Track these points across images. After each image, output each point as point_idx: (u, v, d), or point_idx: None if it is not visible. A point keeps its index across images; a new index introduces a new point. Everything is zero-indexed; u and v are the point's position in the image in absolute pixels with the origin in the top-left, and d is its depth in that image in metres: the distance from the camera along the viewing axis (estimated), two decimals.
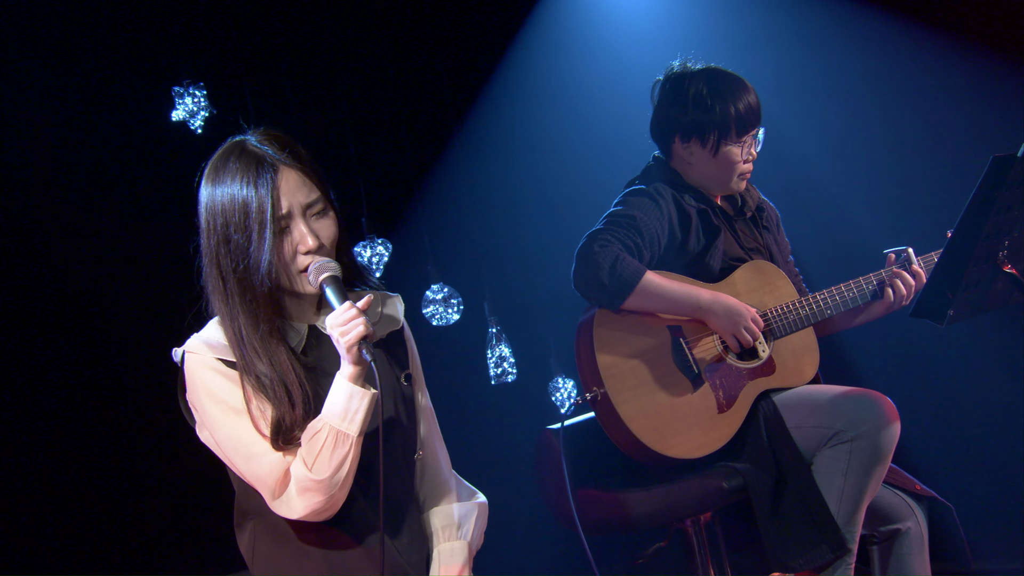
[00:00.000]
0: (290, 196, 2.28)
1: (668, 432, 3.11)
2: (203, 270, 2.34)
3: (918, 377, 5.94)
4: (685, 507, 3.14)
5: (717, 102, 3.28)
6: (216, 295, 2.32)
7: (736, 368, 3.20)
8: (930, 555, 3.22)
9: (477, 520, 2.52)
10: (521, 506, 5.03)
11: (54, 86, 5.04)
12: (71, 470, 4.97)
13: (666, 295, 3.14)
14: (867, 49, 5.66)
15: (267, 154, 2.30)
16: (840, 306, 3.26)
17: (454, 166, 6.25)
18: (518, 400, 5.95)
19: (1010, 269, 2.79)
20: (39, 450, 4.93)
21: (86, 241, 5.09)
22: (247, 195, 2.26)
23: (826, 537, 3.04)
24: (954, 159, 5.30)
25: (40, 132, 5.01)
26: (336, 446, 2.23)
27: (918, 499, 3.24)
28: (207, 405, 2.31)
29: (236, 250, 2.27)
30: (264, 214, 2.25)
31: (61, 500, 4.94)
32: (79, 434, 5.00)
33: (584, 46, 6.20)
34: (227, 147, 2.35)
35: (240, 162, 2.29)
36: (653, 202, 3.24)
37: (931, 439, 5.75)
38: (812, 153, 5.80)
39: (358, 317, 2.23)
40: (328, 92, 5.67)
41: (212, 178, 2.32)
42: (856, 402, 3.10)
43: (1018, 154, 2.65)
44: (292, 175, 2.30)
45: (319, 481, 2.24)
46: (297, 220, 2.29)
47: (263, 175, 2.27)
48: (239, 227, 2.26)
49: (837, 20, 5.71)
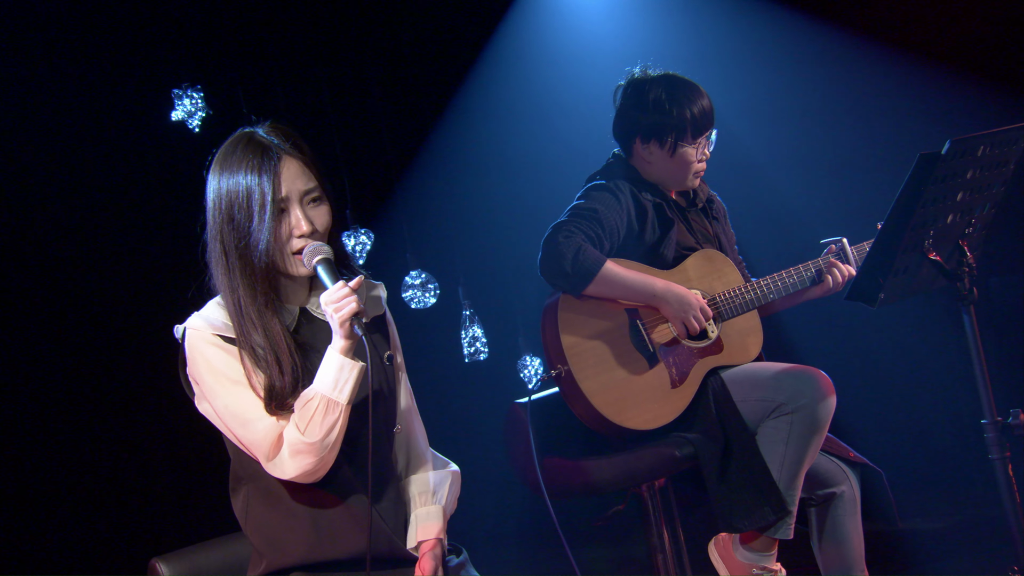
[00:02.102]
0: (290, 183, 2.30)
1: (626, 406, 3.12)
2: (207, 246, 2.35)
3: (852, 354, 5.98)
4: (641, 473, 3.15)
5: (674, 106, 3.27)
6: (219, 269, 2.32)
7: (687, 348, 3.21)
8: (862, 516, 3.24)
9: (451, 487, 2.53)
10: (492, 473, 5.04)
11: (64, 87, 5.01)
12: (80, 440, 4.94)
13: (624, 283, 3.14)
14: (807, 58, 5.68)
15: (272, 143, 2.32)
16: (781, 291, 3.28)
17: (431, 163, 6.24)
18: (489, 376, 5.96)
19: (934, 257, 2.81)
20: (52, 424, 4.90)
21: (92, 230, 5.06)
22: (252, 178, 2.28)
23: (769, 500, 3.05)
24: (885, 157, 5.33)
25: (50, 130, 4.98)
26: (327, 412, 2.24)
27: (852, 465, 3.25)
28: (206, 377, 2.31)
29: (239, 228, 2.28)
30: (265, 196, 2.27)
31: (71, 469, 4.92)
32: (88, 409, 4.97)
33: (550, 52, 6.19)
34: (236, 136, 2.37)
35: (248, 149, 2.31)
36: (613, 196, 3.24)
37: (864, 411, 5.79)
38: (757, 152, 5.82)
39: (351, 295, 2.24)
40: (315, 95, 5.65)
41: (221, 163, 2.34)
42: (796, 377, 3.12)
43: (942, 152, 2.67)
44: (293, 164, 2.32)
45: (311, 444, 2.24)
46: (294, 205, 2.31)
47: (267, 161, 2.29)
48: (242, 207, 2.28)
49: (781, 31, 5.73)
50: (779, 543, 3.15)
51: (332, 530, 2.34)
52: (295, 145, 2.34)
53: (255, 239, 2.27)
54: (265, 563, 2.36)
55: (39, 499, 4.84)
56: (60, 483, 4.88)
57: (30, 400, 4.85)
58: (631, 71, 3.40)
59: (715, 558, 3.21)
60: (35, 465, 4.84)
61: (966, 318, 2.84)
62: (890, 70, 5.43)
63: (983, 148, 2.76)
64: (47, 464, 4.86)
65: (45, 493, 4.84)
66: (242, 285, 2.30)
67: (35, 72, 4.90)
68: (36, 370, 4.88)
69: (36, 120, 4.92)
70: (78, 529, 4.87)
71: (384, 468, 2.44)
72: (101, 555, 4.85)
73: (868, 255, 2.86)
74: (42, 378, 4.89)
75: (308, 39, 5.72)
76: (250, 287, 2.30)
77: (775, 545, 3.15)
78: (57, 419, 4.91)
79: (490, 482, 5.41)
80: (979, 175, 2.79)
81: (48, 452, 4.87)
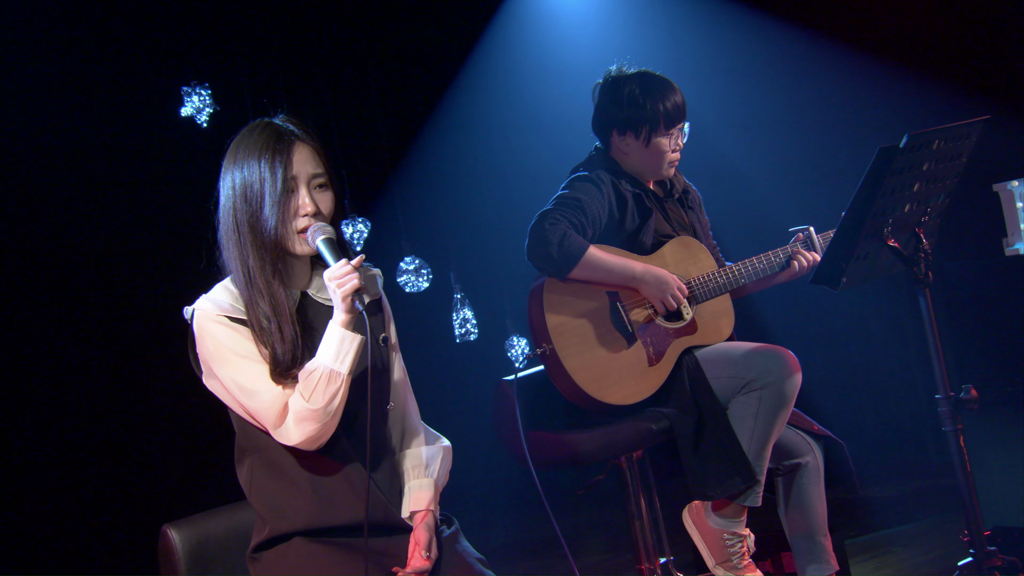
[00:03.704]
0: (300, 165, 2.33)
1: (606, 383, 3.12)
2: (220, 222, 2.35)
3: (818, 335, 6.01)
4: (620, 446, 3.15)
5: (648, 101, 3.27)
6: (231, 242, 2.33)
7: (664, 328, 3.22)
8: (825, 484, 3.25)
9: (443, 461, 2.53)
10: (481, 447, 5.05)
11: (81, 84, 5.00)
12: (99, 416, 4.95)
13: (605, 267, 3.14)
14: (776, 59, 5.68)
15: (287, 129, 2.35)
16: (752, 276, 3.28)
17: (424, 156, 6.24)
18: (479, 355, 5.97)
19: (893, 243, 2.81)
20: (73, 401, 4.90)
21: (111, 218, 5.06)
22: (266, 157, 2.30)
23: (739, 470, 3.06)
24: (848, 150, 5.34)
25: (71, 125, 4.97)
26: (329, 382, 2.25)
27: (816, 438, 3.26)
28: (213, 353, 2.31)
29: (251, 203, 2.30)
30: (276, 173, 2.29)
31: (91, 442, 4.93)
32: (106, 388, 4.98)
33: (536, 54, 6.19)
34: (255, 123, 2.39)
35: (265, 133, 2.34)
36: (595, 186, 3.23)
37: (828, 387, 5.81)
38: (731, 146, 5.82)
39: (353, 272, 2.25)
40: (315, 92, 5.64)
41: (239, 145, 2.35)
42: (765, 356, 3.12)
43: (900, 145, 2.67)
44: (305, 149, 2.34)
45: (315, 411, 2.25)
46: (302, 186, 2.33)
47: (281, 143, 2.31)
48: (255, 184, 2.29)
49: (753, 34, 5.73)
50: (748, 510, 3.17)
51: (331, 498, 2.34)
52: (308, 134, 2.37)
53: (266, 214, 2.29)
54: (269, 529, 2.36)
55: (62, 469, 4.85)
56: (81, 456, 4.89)
57: (55, 379, 4.87)
58: (609, 70, 3.39)
59: (689, 524, 3.22)
60: (58, 438, 4.85)
61: (922, 301, 2.84)
62: (853, 70, 5.44)
63: (938, 142, 2.76)
64: (69, 438, 4.88)
65: (67, 464, 4.86)
66: (252, 255, 2.30)
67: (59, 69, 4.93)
68: (63, 351, 4.89)
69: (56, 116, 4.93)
70: (96, 497, 4.89)
71: (379, 442, 2.44)
72: (117, 521, 4.87)
73: (832, 242, 2.86)
74: (69, 359, 4.90)
75: (309, 40, 5.71)
76: (259, 258, 2.30)
77: (744, 512, 3.17)
78: (78, 397, 4.92)
79: (479, 455, 5.42)
80: (934, 167, 2.80)
81: (69, 427, 4.88)
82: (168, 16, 5.14)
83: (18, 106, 4.85)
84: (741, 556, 3.17)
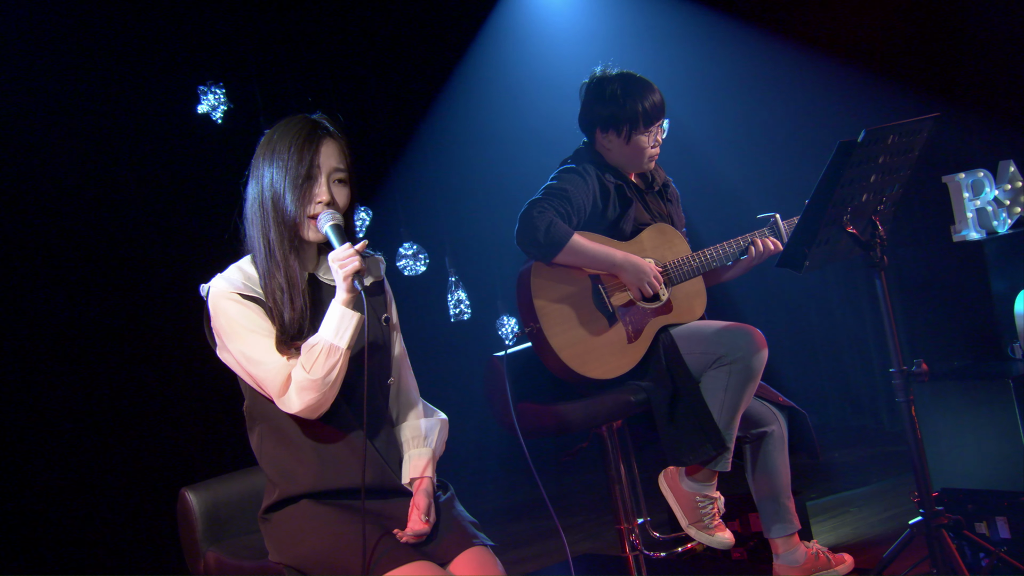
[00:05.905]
0: (326, 158, 2.34)
1: (589, 359, 3.12)
2: (248, 196, 2.37)
3: (783, 313, 6.02)
4: (602, 416, 3.15)
5: (628, 100, 3.25)
6: (256, 215, 2.34)
7: (642, 308, 3.21)
8: (789, 451, 3.26)
9: (440, 432, 2.53)
10: (474, 418, 5.06)
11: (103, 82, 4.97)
12: (122, 387, 4.94)
13: (588, 253, 3.13)
14: (746, 60, 5.68)
15: (321, 124, 2.37)
16: (722, 259, 3.28)
17: (422, 149, 6.22)
18: (472, 334, 5.97)
19: (851, 230, 2.81)
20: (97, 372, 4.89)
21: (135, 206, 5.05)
22: (296, 146, 2.32)
23: (710, 438, 3.07)
24: (811, 144, 5.34)
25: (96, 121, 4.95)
26: (329, 355, 2.25)
27: (781, 408, 3.27)
28: (226, 327, 2.32)
29: (276, 183, 2.31)
30: (304, 160, 2.31)
31: (114, 410, 4.92)
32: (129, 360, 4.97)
33: (528, 53, 6.18)
34: (295, 116, 2.40)
35: (300, 125, 2.36)
36: (581, 178, 3.22)
37: (791, 361, 5.84)
38: (704, 141, 5.82)
39: (355, 255, 2.26)
40: (320, 89, 5.62)
41: (276, 132, 2.37)
42: (734, 333, 3.12)
43: (858, 140, 2.67)
44: (333, 144, 2.36)
45: (314, 381, 2.25)
46: (323, 177, 2.34)
47: (313, 134, 2.34)
48: (284, 167, 2.31)
49: (725, 38, 5.73)
50: (718, 474, 3.17)
51: (335, 462, 2.34)
52: (338, 132, 2.39)
53: (287, 196, 2.31)
54: (278, 491, 2.37)
55: (88, 438, 4.85)
56: (105, 425, 4.89)
57: (83, 352, 4.87)
58: (594, 71, 3.38)
59: (664, 488, 3.23)
60: (84, 409, 4.84)
61: (878, 283, 2.85)
62: (816, 71, 5.44)
63: (893, 137, 2.76)
64: (95, 408, 4.87)
65: (93, 432, 4.85)
66: (273, 229, 2.32)
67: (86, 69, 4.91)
68: (93, 327, 4.89)
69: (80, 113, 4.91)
70: (119, 463, 4.88)
71: (379, 414, 2.44)
72: (139, 484, 4.87)
73: (795, 228, 2.86)
74: (97, 334, 4.90)
75: (314, 40, 5.69)
76: (279, 233, 2.32)
77: (715, 476, 3.17)
78: (105, 369, 4.92)
79: (472, 425, 5.43)
80: (889, 160, 2.80)
81: (95, 398, 4.88)
82: (187, 21, 5.13)
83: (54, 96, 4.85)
84: (712, 517, 3.18)
